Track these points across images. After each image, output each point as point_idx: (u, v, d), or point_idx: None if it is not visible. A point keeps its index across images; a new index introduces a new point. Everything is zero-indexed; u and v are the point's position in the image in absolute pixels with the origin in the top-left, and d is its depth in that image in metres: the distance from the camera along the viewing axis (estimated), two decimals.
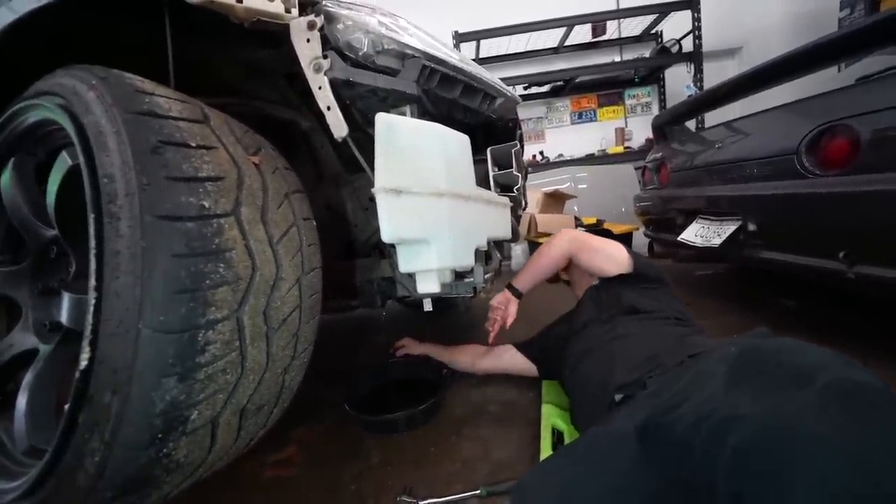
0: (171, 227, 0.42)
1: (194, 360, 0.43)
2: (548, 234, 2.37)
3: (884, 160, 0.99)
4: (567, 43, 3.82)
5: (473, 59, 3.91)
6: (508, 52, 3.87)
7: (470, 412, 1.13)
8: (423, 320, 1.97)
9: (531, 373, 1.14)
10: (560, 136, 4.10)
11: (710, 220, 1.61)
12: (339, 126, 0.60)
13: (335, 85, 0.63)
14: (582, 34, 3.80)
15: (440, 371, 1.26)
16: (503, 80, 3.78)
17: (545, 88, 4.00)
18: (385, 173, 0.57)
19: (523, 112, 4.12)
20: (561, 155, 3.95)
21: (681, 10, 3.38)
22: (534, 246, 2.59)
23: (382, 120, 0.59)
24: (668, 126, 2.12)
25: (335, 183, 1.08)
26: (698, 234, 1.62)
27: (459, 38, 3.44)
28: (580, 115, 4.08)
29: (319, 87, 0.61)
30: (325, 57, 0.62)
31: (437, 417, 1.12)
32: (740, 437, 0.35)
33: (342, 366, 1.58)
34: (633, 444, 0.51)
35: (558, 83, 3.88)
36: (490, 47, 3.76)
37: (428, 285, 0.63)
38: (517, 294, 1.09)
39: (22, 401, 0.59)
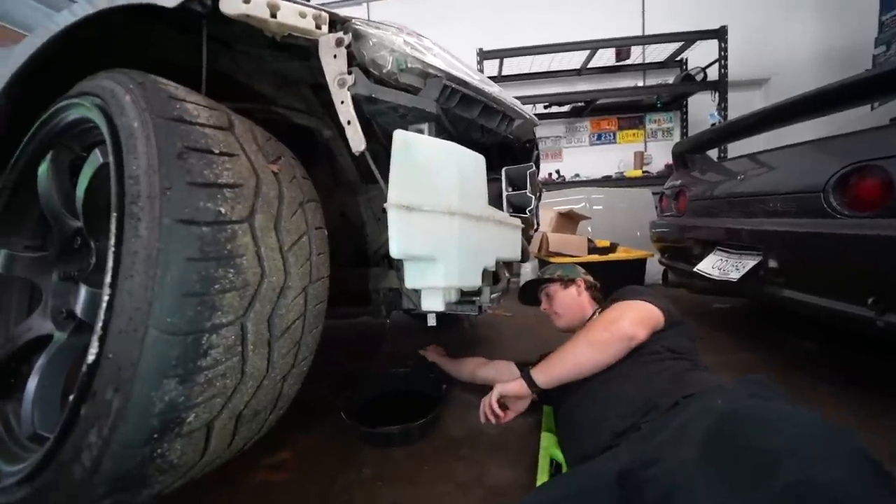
0: (187, 230, 0.44)
1: (196, 364, 0.43)
2: (559, 255, 2.34)
3: None
4: (590, 65, 3.85)
5: (496, 76, 3.99)
6: (531, 71, 3.91)
7: (468, 433, 1.11)
8: (428, 332, 1.96)
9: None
10: (578, 156, 4.09)
11: (728, 253, 1.57)
12: (357, 140, 0.61)
13: (357, 100, 0.65)
14: (606, 57, 3.82)
15: (440, 386, 1.25)
16: (524, 98, 3.82)
17: (565, 108, 4.02)
18: (398, 189, 0.58)
19: (542, 130, 4.14)
20: (577, 175, 3.93)
21: (708, 38, 3.37)
22: (544, 265, 2.56)
23: (400, 137, 0.60)
24: (689, 154, 2.09)
25: (351, 191, 1.10)
26: (716, 266, 1.58)
27: (483, 56, 3.50)
28: (599, 137, 4.07)
29: (342, 102, 0.62)
30: (349, 73, 0.64)
31: (433, 434, 1.11)
32: None
33: (344, 372, 1.58)
34: (613, 487, 0.54)
35: (579, 104, 3.89)
36: (513, 65, 3.81)
37: (433, 303, 0.62)
38: (536, 389, 0.85)
39: (32, 385, 0.61)
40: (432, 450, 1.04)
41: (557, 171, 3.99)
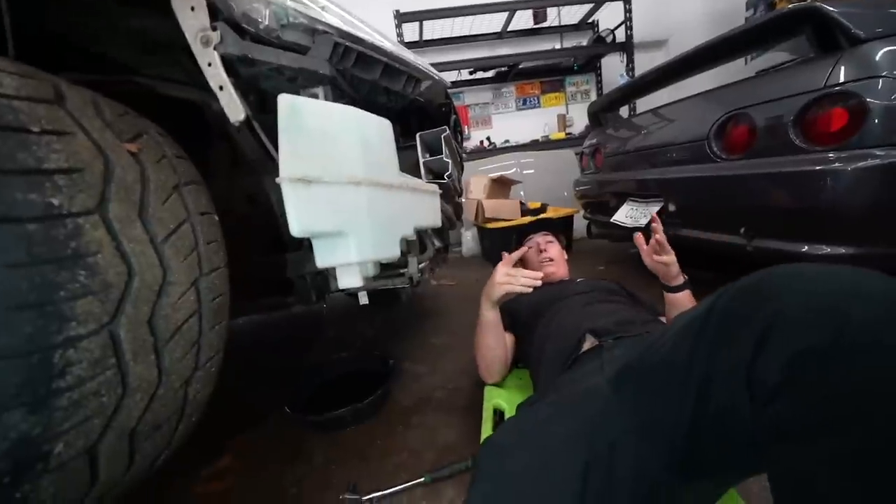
0: (1, 231, 0.35)
1: (50, 386, 0.36)
2: (495, 220, 2.41)
3: (774, 145, 1.12)
4: (510, 28, 3.84)
5: (418, 41, 3.79)
6: (453, 35, 3.80)
7: (416, 401, 1.14)
8: (374, 310, 1.93)
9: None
10: (506, 121, 4.16)
11: (638, 202, 1.73)
12: (234, 109, 0.53)
13: (230, 62, 0.56)
14: (524, 20, 3.83)
15: (387, 362, 1.25)
16: (449, 63, 3.68)
17: (491, 73, 4.01)
18: (291, 161, 0.52)
19: (470, 97, 4.10)
20: (507, 141, 4.01)
21: (613, 0, 3.53)
22: (483, 231, 2.62)
23: (286, 101, 0.53)
24: (602, 113, 2.22)
25: (256, 171, 0.99)
26: (628, 215, 1.74)
27: (401, 18, 3.30)
28: (525, 102, 4.16)
29: (209, 64, 0.54)
30: (213, 29, 0.54)
31: (384, 409, 1.12)
32: (731, 290, 0.37)
33: (286, 365, 1.50)
34: (607, 393, 0.50)
35: (503, 68, 3.90)
36: (435, 30, 3.66)
37: (349, 280, 0.59)
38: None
39: None
40: (383, 424, 1.05)
41: (488, 139, 4.03)
